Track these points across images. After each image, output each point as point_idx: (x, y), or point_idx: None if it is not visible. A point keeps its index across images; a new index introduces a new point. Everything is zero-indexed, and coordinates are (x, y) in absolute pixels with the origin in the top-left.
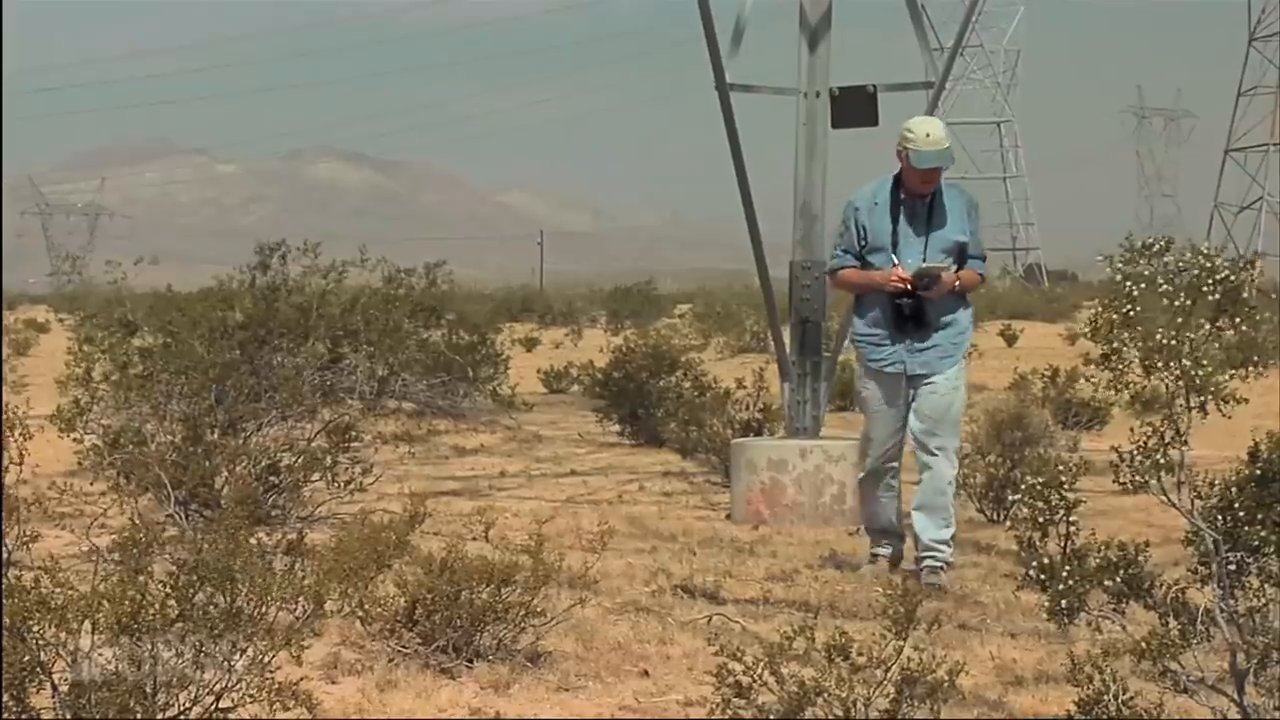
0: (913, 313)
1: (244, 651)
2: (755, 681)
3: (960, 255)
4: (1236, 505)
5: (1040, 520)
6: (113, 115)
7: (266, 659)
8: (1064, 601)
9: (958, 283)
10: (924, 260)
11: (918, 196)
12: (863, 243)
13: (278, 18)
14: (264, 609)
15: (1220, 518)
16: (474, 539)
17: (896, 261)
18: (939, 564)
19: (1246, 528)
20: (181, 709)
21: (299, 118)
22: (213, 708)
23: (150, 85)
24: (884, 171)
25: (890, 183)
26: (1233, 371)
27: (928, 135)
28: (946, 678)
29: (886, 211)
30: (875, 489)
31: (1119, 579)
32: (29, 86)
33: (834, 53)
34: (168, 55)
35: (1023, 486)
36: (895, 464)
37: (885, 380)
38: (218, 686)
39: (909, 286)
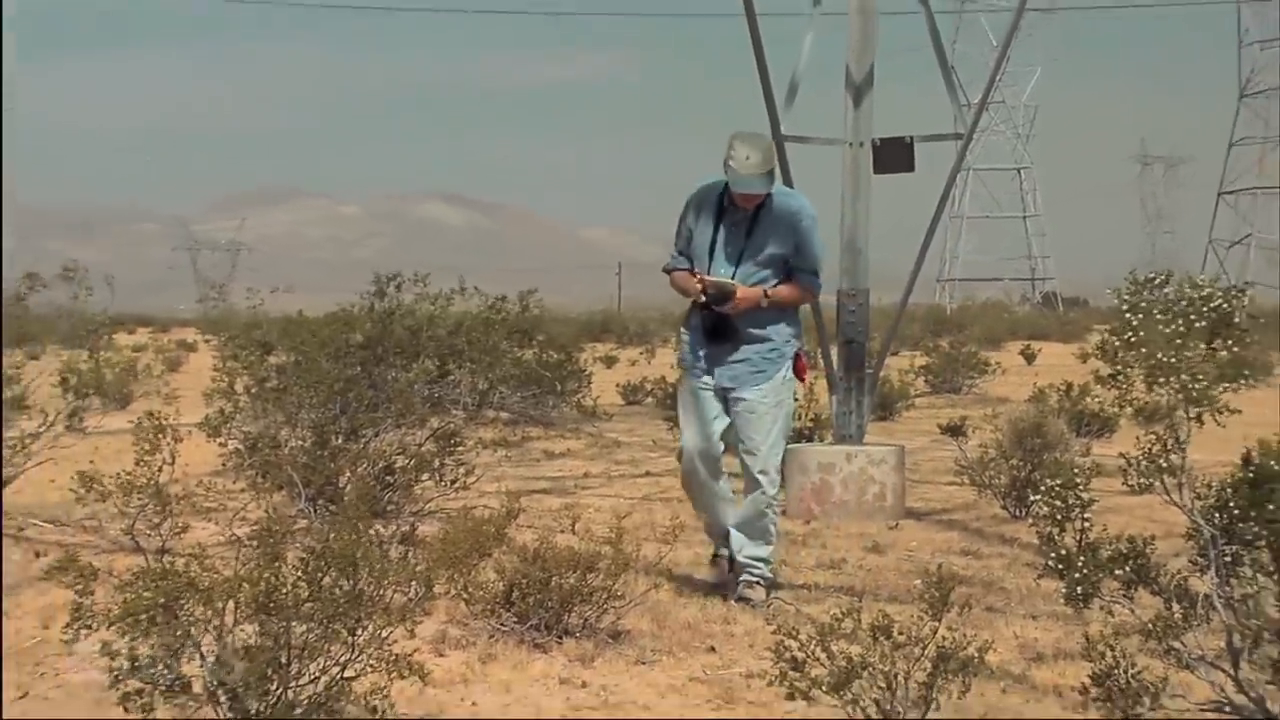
0: (712, 325)
1: (365, 628)
2: (809, 657)
3: (783, 268)
4: (1231, 504)
5: (1058, 517)
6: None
7: (384, 634)
8: (1079, 588)
9: (764, 299)
10: (736, 272)
11: (742, 207)
12: (688, 244)
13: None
14: (382, 591)
15: (1217, 515)
16: (562, 531)
17: (704, 270)
18: (755, 579)
19: (1240, 524)
20: (311, 677)
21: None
22: (338, 676)
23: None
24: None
25: (721, 187)
26: (1226, 386)
27: (746, 159)
28: (976, 654)
29: (711, 217)
30: (697, 492)
31: (1128, 568)
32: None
33: (875, 108)
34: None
35: (1043, 487)
36: (712, 469)
37: (695, 386)
38: (342, 658)
39: (705, 298)
